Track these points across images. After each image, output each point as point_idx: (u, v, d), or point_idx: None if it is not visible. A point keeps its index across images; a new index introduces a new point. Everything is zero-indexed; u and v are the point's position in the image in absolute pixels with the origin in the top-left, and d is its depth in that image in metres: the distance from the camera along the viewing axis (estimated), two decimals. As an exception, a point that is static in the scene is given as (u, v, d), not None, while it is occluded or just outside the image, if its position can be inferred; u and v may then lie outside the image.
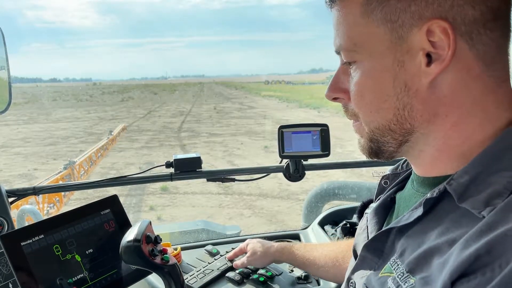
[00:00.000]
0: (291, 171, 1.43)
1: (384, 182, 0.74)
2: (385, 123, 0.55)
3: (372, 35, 0.53)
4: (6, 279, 0.96)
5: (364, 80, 0.55)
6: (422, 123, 0.53)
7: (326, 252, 1.05)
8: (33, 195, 1.29)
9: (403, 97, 0.53)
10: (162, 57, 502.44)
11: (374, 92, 0.55)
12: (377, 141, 0.58)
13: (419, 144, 0.55)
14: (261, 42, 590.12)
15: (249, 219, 8.08)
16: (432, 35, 0.49)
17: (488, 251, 0.41)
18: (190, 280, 1.14)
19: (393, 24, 0.51)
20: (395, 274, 0.52)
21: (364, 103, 0.57)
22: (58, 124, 25.18)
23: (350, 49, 0.56)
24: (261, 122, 23.32)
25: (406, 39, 0.51)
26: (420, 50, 0.50)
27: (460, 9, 0.48)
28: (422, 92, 0.51)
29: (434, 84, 0.51)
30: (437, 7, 0.48)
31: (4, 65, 1.15)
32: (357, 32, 0.55)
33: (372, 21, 0.53)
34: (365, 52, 0.54)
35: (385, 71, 0.53)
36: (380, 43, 0.53)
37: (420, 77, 0.51)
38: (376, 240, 0.60)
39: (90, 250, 0.88)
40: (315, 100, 36.13)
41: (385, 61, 0.53)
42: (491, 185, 0.47)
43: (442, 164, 0.55)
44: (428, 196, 0.52)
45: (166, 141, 18.37)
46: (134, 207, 8.85)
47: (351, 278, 0.65)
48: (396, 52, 0.52)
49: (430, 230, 0.51)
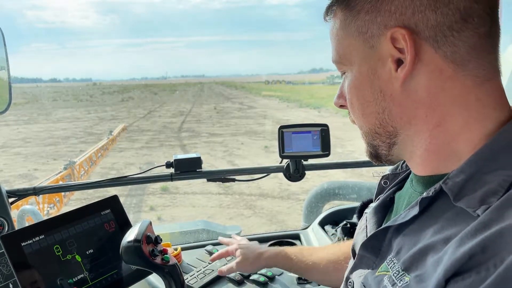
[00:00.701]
0: (291, 171, 1.43)
1: (384, 182, 0.74)
2: (371, 127, 0.59)
3: (350, 47, 0.58)
4: (7, 280, 0.96)
5: (350, 89, 0.60)
6: (403, 125, 0.56)
7: (326, 255, 1.01)
8: (33, 195, 1.29)
9: (381, 102, 0.56)
10: (162, 57, 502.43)
11: (358, 99, 0.59)
12: (371, 145, 0.62)
13: (407, 145, 0.58)
14: (261, 42, 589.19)
15: (249, 219, 8.08)
16: (397, 42, 0.52)
17: (483, 249, 0.41)
18: (190, 280, 1.14)
19: (365, 35, 0.55)
20: (391, 272, 0.52)
21: (354, 109, 0.61)
22: (58, 124, 25.18)
23: (338, 61, 0.61)
24: (261, 122, 23.31)
25: (376, 48, 0.54)
26: (389, 57, 0.53)
27: (421, 15, 0.50)
28: (397, 96, 0.54)
29: (407, 88, 0.53)
30: (399, 16, 0.51)
31: (4, 65, 1.15)
32: (340, 45, 0.60)
33: (349, 34, 0.57)
34: (348, 63, 0.59)
35: (363, 79, 0.57)
36: (357, 54, 0.57)
37: (392, 82, 0.54)
38: (374, 239, 0.61)
39: (91, 250, 0.88)
40: (315, 100, 36.16)
41: (362, 69, 0.57)
42: (486, 184, 0.48)
43: (433, 163, 0.56)
44: (424, 195, 0.53)
45: (166, 141, 18.37)
46: (134, 207, 8.85)
47: (349, 277, 0.65)
48: (370, 60, 0.56)
49: (426, 229, 0.51)
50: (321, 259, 1.00)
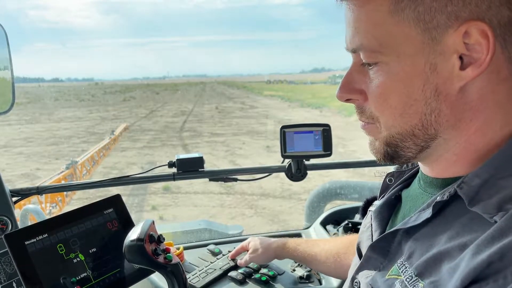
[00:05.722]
0: (293, 171, 1.44)
1: (389, 179, 0.72)
2: (408, 128, 0.52)
3: (401, 36, 0.50)
4: (10, 278, 0.96)
5: (389, 83, 0.52)
6: (446, 128, 0.51)
7: (327, 247, 1.05)
8: (36, 194, 1.29)
9: (431, 102, 0.50)
10: (164, 56, 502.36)
11: (400, 96, 0.51)
12: (396, 145, 0.55)
13: (438, 149, 0.54)
14: (263, 41, 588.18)
15: (251, 219, 8.08)
16: (468, 37, 0.47)
17: (501, 257, 0.40)
18: (192, 279, 1.14)
19: (427, 25, 0.48)
20: (403, 277, 0.51)
21: (388, 106, 0.53)
22: (60, 124, 25.23)
23: (374, 50, 0.52)
24: (263, 122, 23.30)
25: (439, 40, 0.48)
26: (454, 53, 0.48)
27: (497, 10, 0.46)
28: (452, 96, 0.49)
29: (465, 88, 0.49)
30: (474, 7, 0.46)
31: (8, 65, 1.15)
32: (384, 32, 0.50)
33: (403, 20, 0.49)
34: (392, 53, 0.51)
35: (415, 74, 0.50)
36: (410, 44, 0.49)
37: (452, 81, 0.48)
38: (382, 241, 0.59)
39: (94, 249, 0.88)
40: (317, 100, 36.08)
41: (416, 63, 0.49)
42: (502, 189, 0.46)
43: (458, 168, 0.53)
44: (438, 199, 0.51)
45: (168, 141, 18.39)
46: (136, 207, 8.86)
47: (355, 277, 0.64)
48: (429, 54, 0.49)
49: (439, 233, 0.50)
50: (322, 251, 1.05)
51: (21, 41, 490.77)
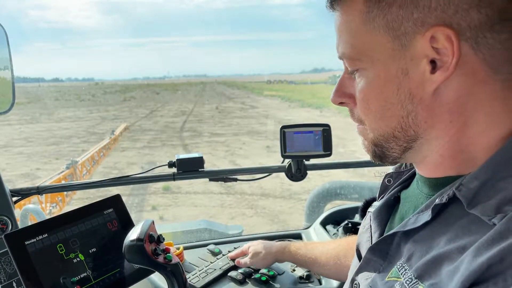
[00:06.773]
0: (293, 171, 1.44)
1: (388, 180, 0.73)
2: (389, 130, 0.55)
3: (374, 43, 0.52)
4: (10, 278, 0.96)
5: (368, 89, 0.55)
6: (426, 129, 0.52)
7: (327, 250, 1.06)
8: (37, 194, 1.29)
9: (407, 105, 0.52)
10: (164, 56, 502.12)
11: (378, 101, 0.54)
12: (382, 146, 0.57)
13: (422, 150, 0.55)
14: (264, 41, 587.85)
15: (251, 219, 8.09)
16: (435, 42, 0.48)
17: (501, 260, 0.40)
18: (192, 279, 1.15)
19: (396, 32, 0.50)
20: (403, 279, 0.51)
21: (370, 111, 0.56)
22: (61, 124, 25.25)
23: (353, 57, 0.55)
24: (263, 122, 23.32)
25: (409, 46, 0.49)
26: (424, 58, 0.49)
27: (465, 13, 0.46)
28: (426, 99, 0.50)
29: (439, 91, 0.50)
30: (440, 13, 0.47)
31: (8, 65, 1.15)
32: (359, 40, 0.53)
33: (374, 29, 0.51)
34: (367, 60, 0.53)
35: (389, 80, 0.52)
36: (382, 51, 0.52)
37: (424, 85, 0.50)
38: (381, 243, 0.60)
39: (93, 249, 0.88)
40: (317, 100, 36.13)
41: (388, 69, 0.52)
42: (501, 191, 0.46)
43: (445, 168, 0.54)
44: (437, 202, 0.51)
45: (168, 141, 18.40)
46: (136, 207, 8.87)
47: (355, 279, 0.65)
48: (400, 60, 0.51)
49: (438, 236, 0.50)
50: (322, 254, 1.06)
51: (21, 41, 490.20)
